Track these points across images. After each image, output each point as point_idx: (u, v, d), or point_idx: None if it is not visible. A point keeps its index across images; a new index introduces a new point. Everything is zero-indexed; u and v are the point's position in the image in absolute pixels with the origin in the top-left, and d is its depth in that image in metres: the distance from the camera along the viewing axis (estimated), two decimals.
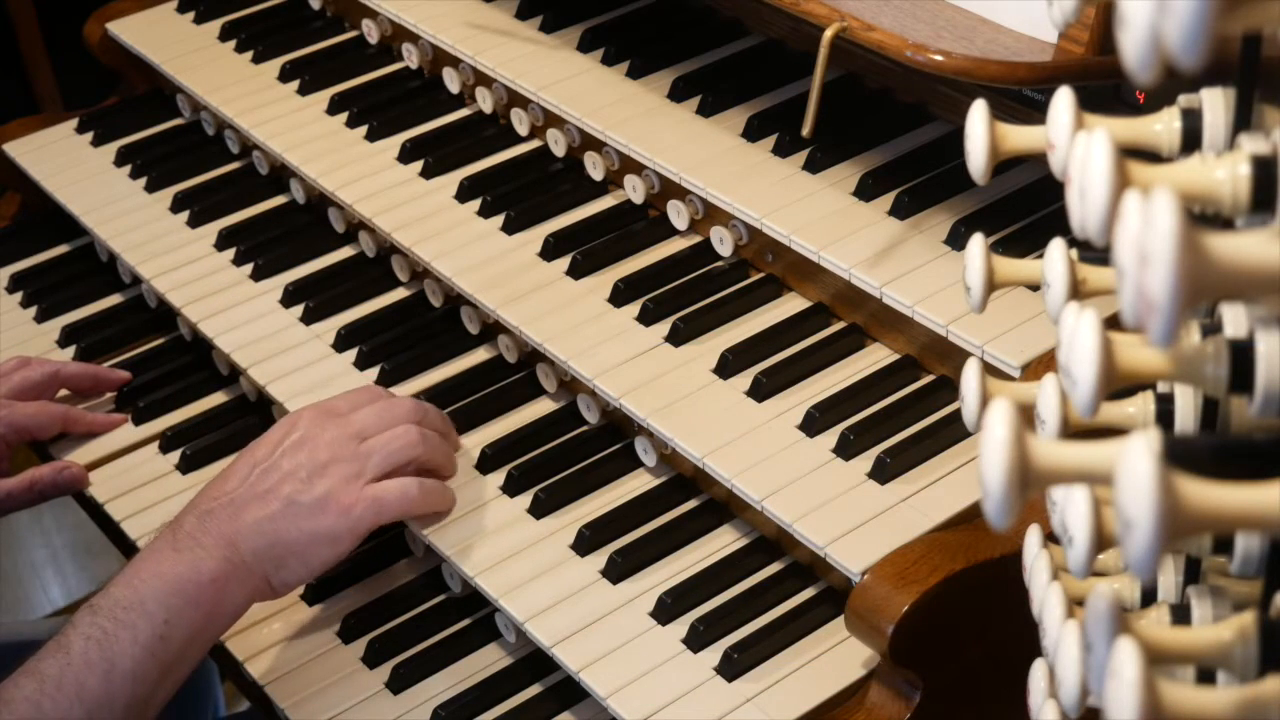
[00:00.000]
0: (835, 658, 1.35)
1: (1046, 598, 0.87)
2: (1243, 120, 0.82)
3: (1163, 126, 0.85)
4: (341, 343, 1.71)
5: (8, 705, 1.26)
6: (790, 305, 1.60)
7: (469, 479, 1.54)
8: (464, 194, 1.78)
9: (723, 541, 1.47)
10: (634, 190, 1.72)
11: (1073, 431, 0.85)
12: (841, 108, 1.64)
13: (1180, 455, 0.71)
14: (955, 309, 1.42)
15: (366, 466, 1.43)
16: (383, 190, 1.80)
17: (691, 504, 1.50)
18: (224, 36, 2.11)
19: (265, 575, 1.39)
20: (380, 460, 1.44)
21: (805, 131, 1.52)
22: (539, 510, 1.50)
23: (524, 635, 1.42)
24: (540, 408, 1.62)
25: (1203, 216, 0.75)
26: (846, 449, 1.42)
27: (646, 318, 1.59)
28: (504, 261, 1.68)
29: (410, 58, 1.98)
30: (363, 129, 1.90)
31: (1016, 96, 1.49)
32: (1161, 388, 0.89)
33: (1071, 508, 0.73)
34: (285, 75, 2.01)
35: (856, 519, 1.36)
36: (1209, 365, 0.74)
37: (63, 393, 1.76)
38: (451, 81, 1.92)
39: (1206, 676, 0.81)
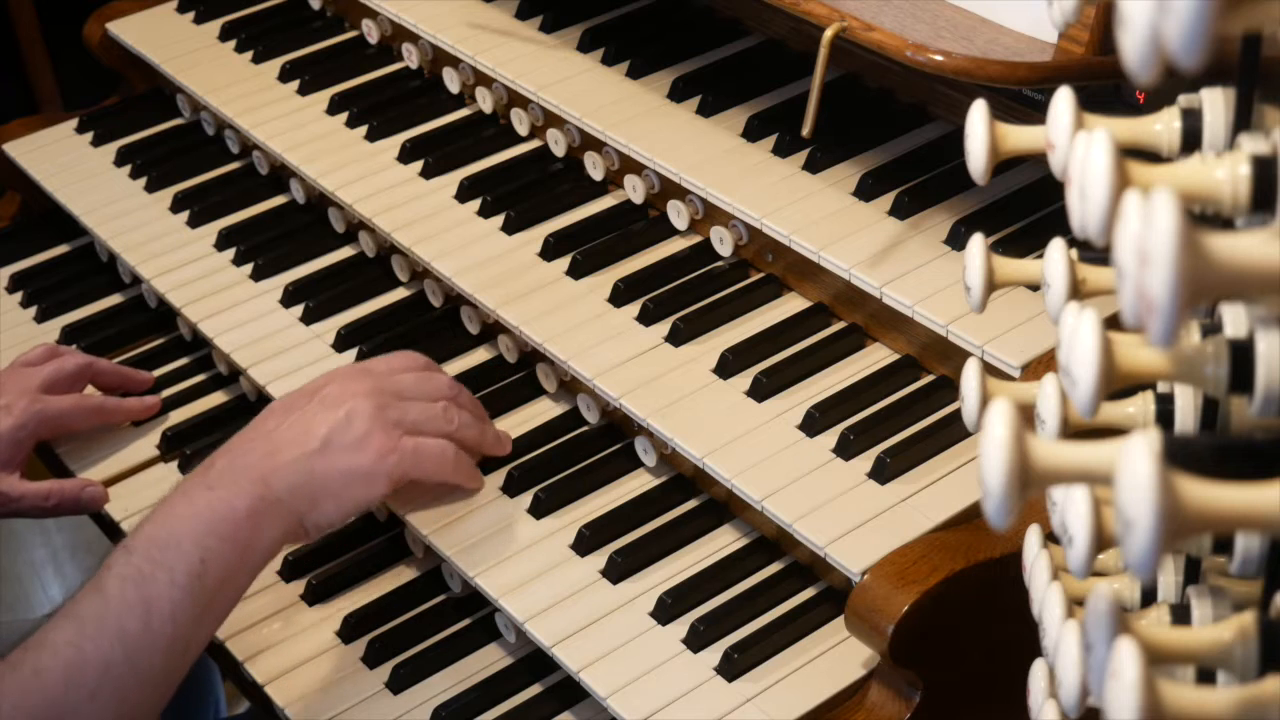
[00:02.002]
0: (835, 658, 1.35)
1: (1046, 598, 0.87)
2: (1243, 120, 0.82)
3: (1163, 126, 0.85)
4: (342, 343, 1.71)
5: (48, 649, 1.24)
6: (790, 305, 1.60)
7: None
8: (464, 194, 1.78)
9: (723, 541, 1.47)
10: (634, 190, 1.72)
11: (1073, 431, 0.85)
12: (841, 108, 1.64)
13: (1180, 455, 0.71)
14: (955, 309, 1.42)
15: (404, 419, 1.43)
16: (383, 190, 1.80)
17: (691, 504, 1.50)
18: (224, 36, 2.11)
19: (299, 513, 1.37)
20: (417, 416, 1.44)
21: (805, 131, 1.52)
22: (539, 510, 1.50)
23: (524, 635, 1.42)
24: (540, 408, 1.62)
25: (1203, 216, 0.75)
26: (846, 449, 1.42)
27: (646, 318, 1.59)
28: (504, 261, 1.68)
29: (410, 58, 1.98)
30: (363, 129, 1.90)
31: (1016, 96, 1.49)
32: (1161, 388, 0.89)
33: (1071, 508, 0.73)
34: (285, 75, 2.01)
35: (856, 519, 1.36)
36: (1209, 365, 0.74)
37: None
38: (451, 81, 1.92)
39: (1206, 676, 0.81)
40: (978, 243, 0.97)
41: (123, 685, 1.25)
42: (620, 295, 1.62)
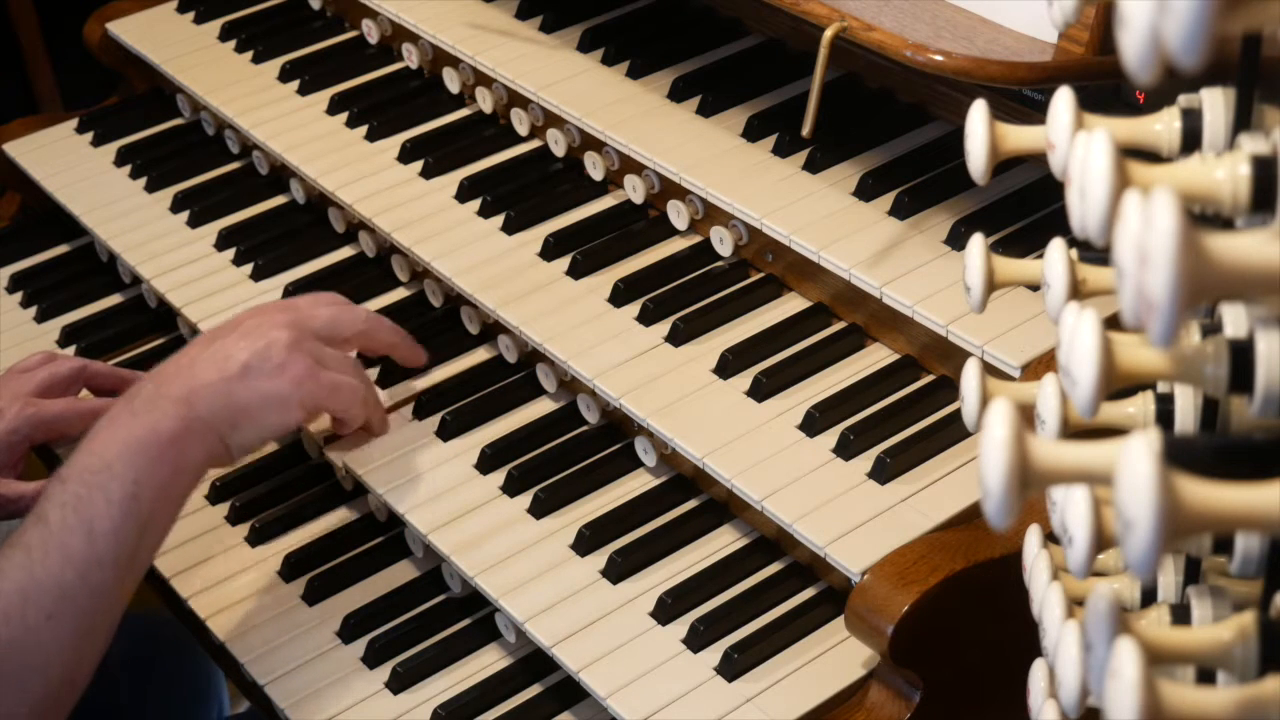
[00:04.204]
0: (835, 658, 1.35)
1: (1046, 598, 0.87)
2: (1243, 120, 0.82)
3: (1163, 126, 0.85)
4: None
5: (1, 575, 1.29)
6: (790, 305, 1.60)
7: (469, 479, 1.54)
8: (464, 194, 1.78)
9: (723, 541, 1.47)
10: (634, 190, 1.72)
11: (1073, 431, 0.85)
12: (841, 108, 1.64)
13: (1180, 455, 0.71)
14: (955, 309, 1.42)
15: (321, 356, 1.51)
16: (383, 190, 1.80)
17: (691, 504, 1.50)
18: (224, 36, 2.11)
19: (221, 434, 1.43)
20: (332, 358, 1.53)
21: (805, 131, 1.52)
22: (539, 510, 1.50)
23: (524, 635, 1.42)
24: (540, 408, 1.62)
25: (1203, 216, 0.75)
26: (846, 449, 1.42)
27: (646, 318, 1.59)
28: (504, 261, 1.68)
29: (410, 58, 1.98)
30: (363, 129, 1.90)
31: (1016, 96, 1.49)
32: (1161, 388, 0.89)
33: (1071, 508, 0.73)
34: (285, 75, 2.01)
35: (856, 519, 1.36)
36: (1209, 365, 0.74)
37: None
38: (451, 81, 1.92)
39: (1206, 676, 0.81)
40: (978, 243, 0.97)
41: (77, 603, 1.30)
42: (620, 295, 1.61)
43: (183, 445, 1.39)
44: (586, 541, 1.46)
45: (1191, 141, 0.84)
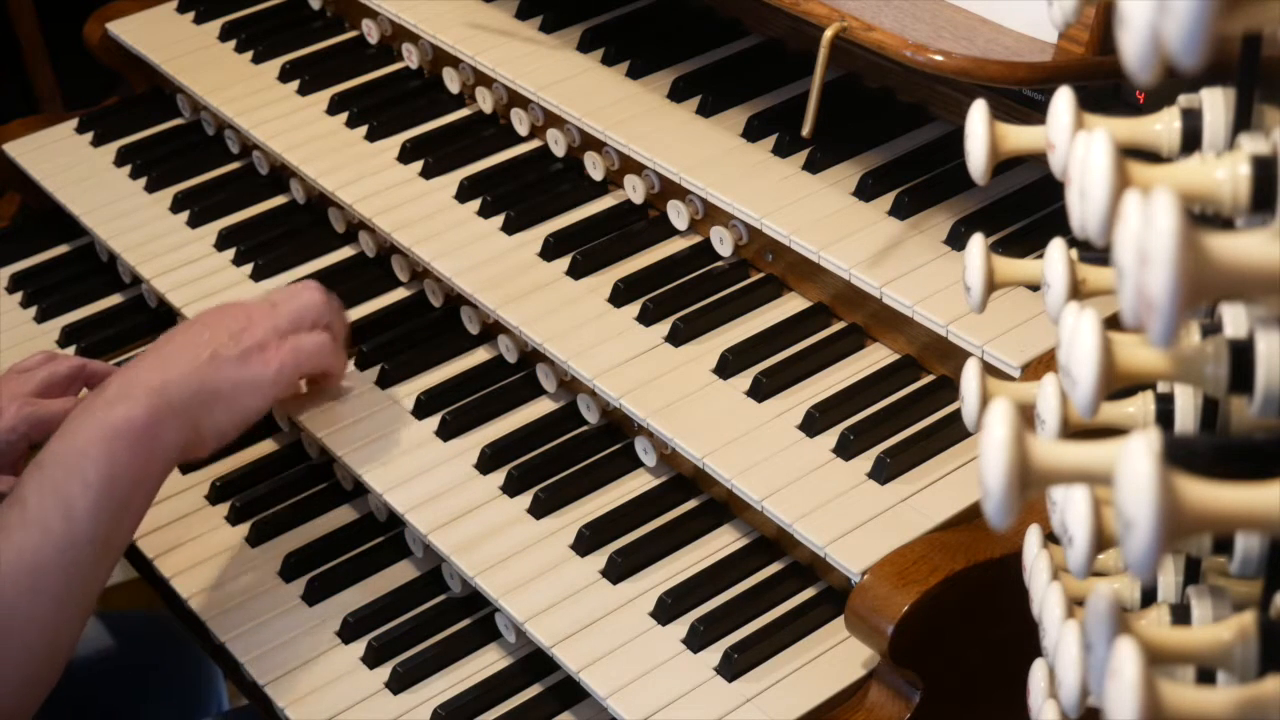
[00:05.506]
0: (835, 658, 1.35)
1: (1046, 598, 0.87)
2: (1243, 120, 0.82)
3: (1163, 126, 0.85)
4: None
5: None
6: (790, 305, 1.60)
7: (469, 479, 1.54)
8: (464, 194, 1.78)
9: (723, 541, 1.47)
10: (634, 190, 1.72)
11: (1073, 431, 0.85)
12: (841, 108, 1.64)
13: (1180, 455, 0.71)
14: (955, 309, 1.42)
15: (280, 324, 1.55)
16: (383, 190, 1.80)
17: (691, 504, 1.50)
18: (224, 36, 2.10)
19: (195, 421, 1.46)
20: (290, 314, 1.56)
21: (805, 131, 1.52)
22: (539, 510, 1.50)
23: (524, 635, 1.42)
24: (540, 408, 1.62)
25: (1203, 216, 0.75)
26: (846, 449, 1.42)
27: (646, 318, 1.59)
28: (504, 261, 1.68)
29: (410, 58, 1.98)
30: (363, 129, 1.90)
31: (1016, 96, 1.49)
32: (1161, 388, 0.89)
33: (1071, 508, 0.73)
34: (285, 75, 2.01)
35: (856, 519, 1.36)
36: (1209, 365, 0.74)
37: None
38: (451, 81, 1.92)
39: (1206, 676, 0.81)
40: (978, 243, 0.97)
41: (56, 581, 1.33)
42: (620, 295, 1.61)
43: (157, 433, 1.41)
44: (586, 541, 1.46)
45: (1191, 141, 0.84)
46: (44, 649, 1.33)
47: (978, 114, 0.92)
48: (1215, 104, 0.83)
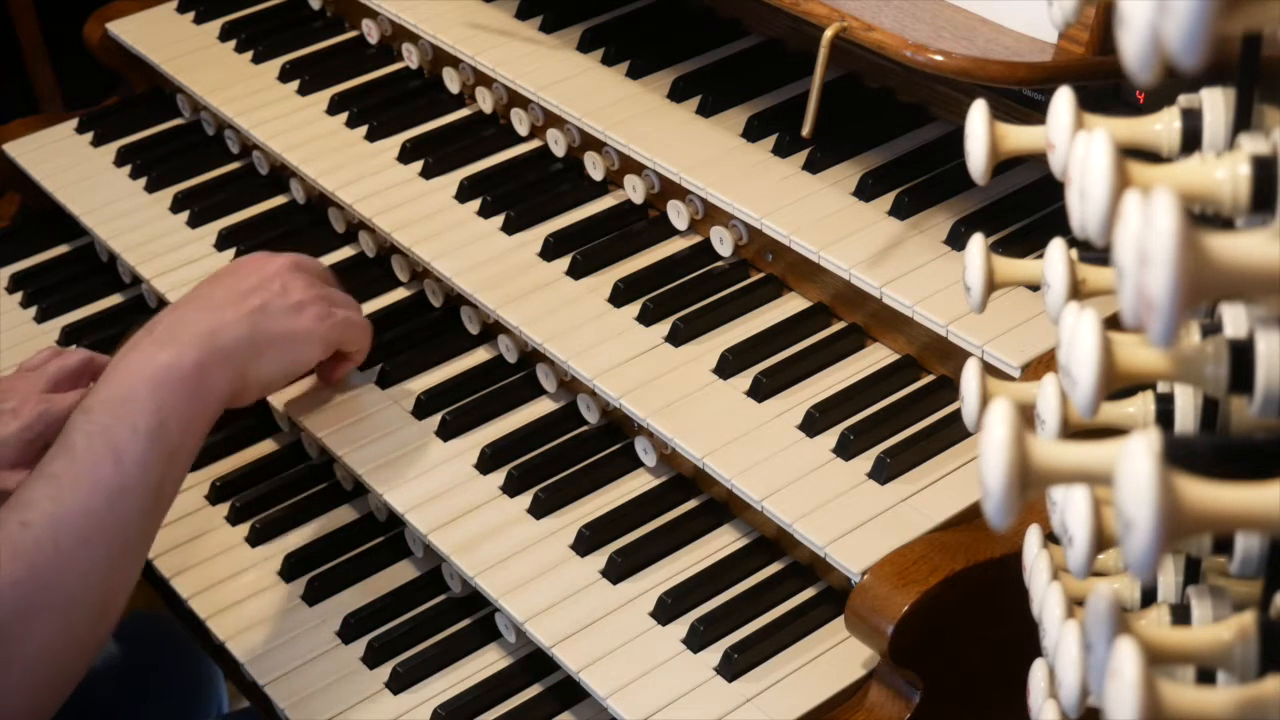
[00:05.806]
0: (835, 658, 1.35)
1: (1046, 598, 0.87)
2: (1243, 120, 0.82)
3: (1163, 126, 0.85)
4: None
5: (30, 505, 1.28)
6: (790, 305, 1.60)
7: (469, 479, 1.54)
8: (464, 194, 1.78)
9: (723, 541, 1.47)
10: (634, 190, 1.72)
11: (1073, 431, 0.85)
12: (841, 108, 1.64)
13: (1180, 455, 0.71)
14: (955, 309, 1.42)
15: (331, 296, 1.57)
16: (383, 190, 1.80)
17: (691, 504, 1.50)
18: (224, 36, 2.10)
19: (243, 367, 1.46)
20: (336, 294, 1.59)
21: (805, 131, 1.52)
22: (539, 510, 1.50)
23: (524, 635, 1.42)
24: (540, 408, 1.62)
25: (1203, 216, 0.75)
26: (846, 449, 1.42)
27: (646, 318, 1.59)
28: (504, 261, 1.68)
29: (410, 58, 1.98)
30: (363, 129, 1.89)
31: (1016, 96, 1.49)
32: (1161, 388, 0.89)
33: (1071, 508, 0.73)
34: (285, 75, 2.01)
35: (856, 519, 1.36)
36: (1209, 365, 0.74)
37: None
38: (451, 81, 1.92)
39: (1206, 676, 0.81)
40: (978, 243, 0.97)
41: (108, 530, 1.30)
42: (620, 295, 1.61)
43: (206, 377, 1.40)
44: (586, 541, 1.46)
45: (1191, 141, 0.84)
46: (99, 603, 1.30)
47: (978, 114, 0.92)
48: (1215, 104, 0.83)
